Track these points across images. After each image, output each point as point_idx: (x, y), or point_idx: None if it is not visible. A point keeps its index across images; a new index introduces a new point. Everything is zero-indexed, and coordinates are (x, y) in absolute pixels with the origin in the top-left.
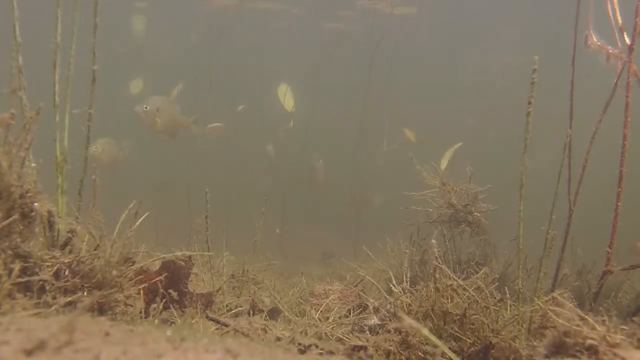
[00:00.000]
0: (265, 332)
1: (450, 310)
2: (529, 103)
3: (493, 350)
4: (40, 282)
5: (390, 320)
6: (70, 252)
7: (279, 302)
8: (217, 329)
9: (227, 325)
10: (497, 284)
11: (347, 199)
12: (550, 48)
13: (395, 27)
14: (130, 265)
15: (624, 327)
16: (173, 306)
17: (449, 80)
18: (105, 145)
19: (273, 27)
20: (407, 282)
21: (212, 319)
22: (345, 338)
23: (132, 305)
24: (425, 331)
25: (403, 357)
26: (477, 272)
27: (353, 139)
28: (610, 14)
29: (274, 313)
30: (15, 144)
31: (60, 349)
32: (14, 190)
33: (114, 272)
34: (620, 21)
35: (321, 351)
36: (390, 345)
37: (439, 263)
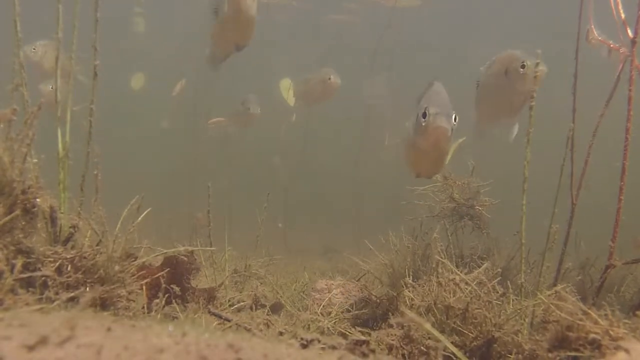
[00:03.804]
0: (268, 326)
1: (452, 305)
2: (532, 97)
3: (496, 345)
4: (43, 278)
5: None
6: (72, 247)
7: (281, 297)
8: (219, 323)
9: (229, 320)
10: (499, 278)
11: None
12: (554, 39)
13: (399, 19)
14: (133, 261)
15: (626, 321)
16: (175, 301)
17: (451, 73)
18: (47, 48)
19: (275, 21)
20: (409, 276)
21: (214, 314)
22: (347, 332)
23: (134, 301)
24: (428, 325)
25: (405, 352)
26: (479, 266)
27: (357, 133)
28: (613, 6)
29: (276, 308)
30: (17, 139)
31: (62, 344)
32: (16, 186)
33: (117, 268)
34: (622, 14)
35: (323, 346)
36: (393, 340)
37: (442, 257)
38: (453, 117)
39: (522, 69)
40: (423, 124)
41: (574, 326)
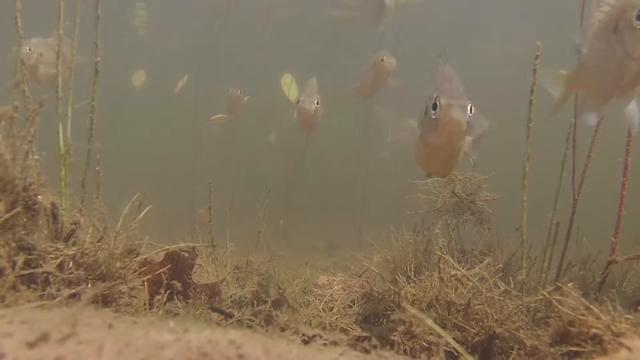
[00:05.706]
0: (269, 322)
1: (454, 300)
2: (532, 91)
3: (497, 340)
4: (44, 274)
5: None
6: (74, 244)
7: (283, 292)
8: (221, 319)
9: (231, 316)
10: (501, 273)
11: None
12: (554, 36)
13: (399, 16)
14: (134, 257)
15: (628, 316)
16: (177, 297)
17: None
18: (43, 48)
19: (275, 16)
20: (411, 272)
21: (216, 310)
22: (349, 328)
23: (135, 297)
24: (429, 321)
25: (407, 347)
26: (481, 262)
27: (358, 131)
28: None
29: (277, 304)
30: (19, 136)
31: (63, 341)
32: (17, 183)
33: (118, 264)
34: None
35: (325, 342)
36: (394, 336)
37: (443, 253)
38: (469, 107)
39: (639, 22)
40: (433, 117)
41: (576, 321)
